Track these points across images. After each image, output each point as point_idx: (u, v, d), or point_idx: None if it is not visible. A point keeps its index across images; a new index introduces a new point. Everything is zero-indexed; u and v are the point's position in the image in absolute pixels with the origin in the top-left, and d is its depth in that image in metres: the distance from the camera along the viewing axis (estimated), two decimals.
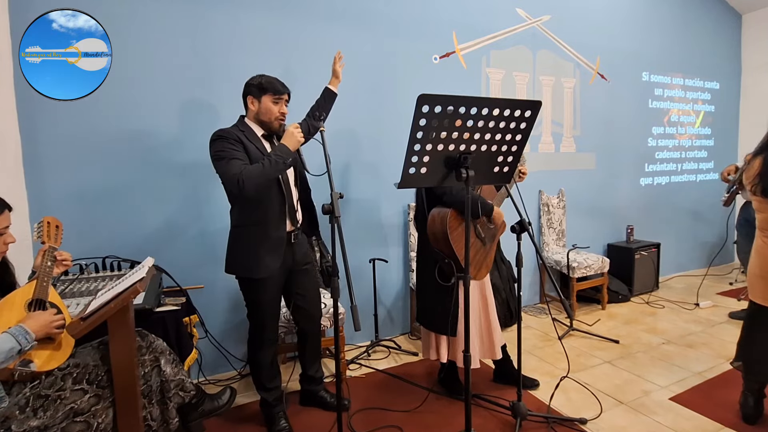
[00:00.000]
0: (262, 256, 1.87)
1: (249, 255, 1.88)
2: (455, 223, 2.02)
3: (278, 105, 1.91)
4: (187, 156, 2.50)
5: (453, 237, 1.99)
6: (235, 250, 1.93)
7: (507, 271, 3.22)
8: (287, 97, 1.95)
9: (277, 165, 1.75)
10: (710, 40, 4.71)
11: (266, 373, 2.03)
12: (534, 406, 2.18)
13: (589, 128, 3.96)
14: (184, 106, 2.49)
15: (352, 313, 1.43)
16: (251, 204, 1.86)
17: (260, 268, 1.88)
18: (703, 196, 4.71)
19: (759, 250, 1.98)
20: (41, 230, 1.61)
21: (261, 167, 1.74)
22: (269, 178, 1.77)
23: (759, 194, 1.89)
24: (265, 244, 1.87)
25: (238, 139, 1.83)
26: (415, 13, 3.11)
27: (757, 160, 1.93)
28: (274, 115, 1.91)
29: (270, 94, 1.89)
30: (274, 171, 1.75)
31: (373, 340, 3.04)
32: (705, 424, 2.05)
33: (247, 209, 1.88)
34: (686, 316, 3.45)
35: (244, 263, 1.90)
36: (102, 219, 2.34)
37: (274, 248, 1.89)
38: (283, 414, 2.06)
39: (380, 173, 3.01)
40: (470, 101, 1.40)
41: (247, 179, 1.70)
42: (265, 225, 1.87)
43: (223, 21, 2.55)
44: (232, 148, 1.79)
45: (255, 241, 1.88)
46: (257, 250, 1.87)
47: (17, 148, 2.15)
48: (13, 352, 1.27)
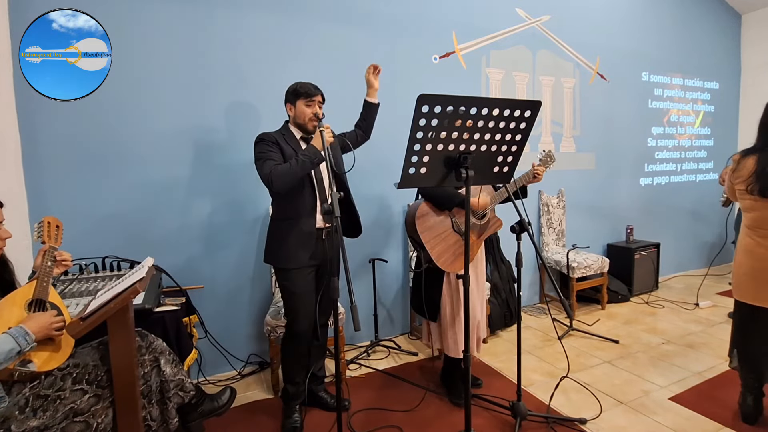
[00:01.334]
0: (293, 249, 2.00)
1: (283, 246, 2.01)
2: (423, 213, 2.11)
3: (311, 107, 2.03)
4: (187, 156, 2.51)
5: (420, 226, 2.08)
6: (272, 241, 2.07)
7: (507, 271, 3.23)
8: (320, 99, 2.07)
9: (304, 164, 1.86)
10: (710, 40, 4.71)
11: (297, 367, 2.11)
12: (534, 406, 2.18)
13: (588, 128, 3.97)
14: (184, 106, 2.49)
15: (352, 313, 1.43)
16: (286, 200, 1.99)
17: (291, 259, 2.00)
18: (703, 196, 4.71)
19: (750, 249, 1.95)
20: (41, 230, 1.61)
21: (288, 166, 1.87)
22: (296, 176, 1.88)
23: (756, 194, 1.88)
24: (296, 237, 2.00)
25: (275, 141, 1.98)
26: (415, 13, 3.12)
27: (750, 160, 1.90)
28: (307, 117, 2.03)
29: (302, 98, 2.03)
30: (300, 169, 1.87)
31: (372, 340, 3.04)
32: (704, 423, 2.05)
33: (283, 204, 2.02)
34: (686, 316, 3.46)
35: (279, 254, 2.03)
36: (102, 219, 2.34)
37: (304, 242, 2.01)
38: (298, 408, 2.14)
39: (380, 173, 3.01)
40: (470, 101, 1.40)
41: (275, 177, 1.86)
42: (297, 220, 2.00)
43: (224, 21, 2.55)
44: (268, 150, 1.94)
45: (288, 234, 2.00)
46: (289, 243, 2.00)
47: (17, 148, 2.15)
48: (13, 353, 1.27)
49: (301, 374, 2.12)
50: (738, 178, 1.95)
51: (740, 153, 1.98)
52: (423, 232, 2.07)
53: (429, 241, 2.07)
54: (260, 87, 2.64)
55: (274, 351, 2.40)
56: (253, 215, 2.70)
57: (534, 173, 2.24)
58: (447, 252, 2.10)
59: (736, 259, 2.03)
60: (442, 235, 2.11)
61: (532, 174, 2.24)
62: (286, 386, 2.13)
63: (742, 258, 1.99)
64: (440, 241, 2.09)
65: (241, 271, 2.70)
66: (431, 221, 2.11)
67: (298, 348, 2.09)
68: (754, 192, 1.88)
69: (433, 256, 2.07)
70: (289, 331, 2.09)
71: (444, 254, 2.09)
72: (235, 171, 2.61)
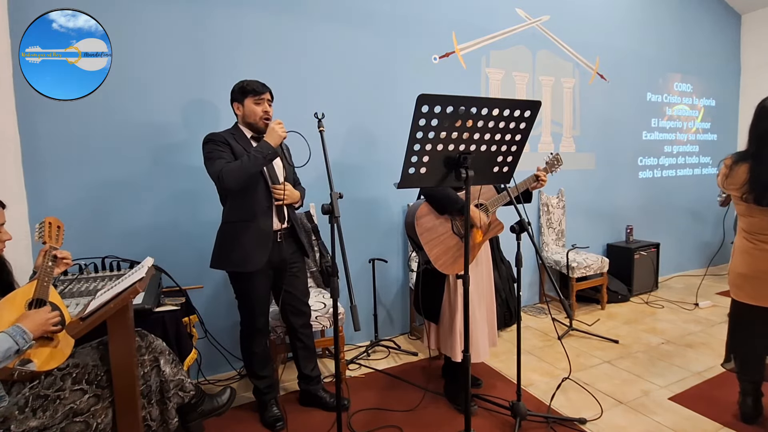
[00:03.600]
0: (250, 251, 1.94)
1: (238, 249, 1.95)
2: (423, 214, 2.09)
3: (260, 105, 1.98)
4: (186, 156, 2.50)
5: (419, 227, 2.05)
6: (224, 245, 2.00)
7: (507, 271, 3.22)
8: (269, 96, 2.01)
9: (257, 160, 1.82)
10: (709, 40, 4.71)
11: (257, 361, 2.11)
12: (534, 406, 2.18)
13: (588, 128, 3.97)
14: (184, 106, 2.49)
15: (352, 313, 1.43)
16: (239, 200, 1.94)
17: (248, 262, 1.94)
18: (702, 196, 4.71)
19: (746, 250, 1.95)
20: (42, 231, 1.61)
21: (240, 163, 1.82)
22: (249, 173, 1.83)
23: (752, 202, 1.87)
24: (253, 239, 1.95)
25: (225, 141, 1.92)
26: (415, 13, 3.12)
27: (743, 167, 1.89)
28: (258, 116, 1.98)
29: (250, 96, 1.97)
30: (253, 165, 1.82)
31: (372, 340, 3.05)
32: (704, 423, 2.05)
33: (236, 206, 1.96)
34: (686, 316, 3.46)
35: (233, 258, 1.97)
36: (102, 219, 2.34)
37: (261, 243, 1.96)
38: (275, 401, 2.15)
39: (380, 173, 3.01)
40: (470, 101, 1.40)
41: (226, 174, 1.80)
42: (253, 221, 1.95)
43: (224, 21, 2.55)
44: (218, 149, 1.89)
45: (244, 236, 1.95)
46: (245, 245, 1.94)
47: (17, 148, 2.15)
48: (11, 352, 1.27)
49: (264, 368, 2.13)
50: (732, 184, 1.94)
51: (732, 158, 1.96)
52: (422, 234, 2.06)
53: (428, 242, 2.06)
54: None
55: (275, 351, 2.40)
56: None
57: (536, 177, 2.17)
58: (446, 254, 2.09)
59: (732, 260, 2.03)
60: (441, 237, 2.10)
61: (534, 178, 2.18)
62: (254, 383, 2.14)
63: (739, 258, 1.99)
64: (439, 243, 2.09)
65: None
66: (431, 223, 2.10)
67: (257, 343, 2.10)
68: (749, 201, 1.88)
69: (432, 258, 2.06)
70: (247, 330, 2.09)
71: (443, 256, 2.08)
72: None
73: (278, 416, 2.10)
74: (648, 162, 4.40)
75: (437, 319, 2.21)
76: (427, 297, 2.23)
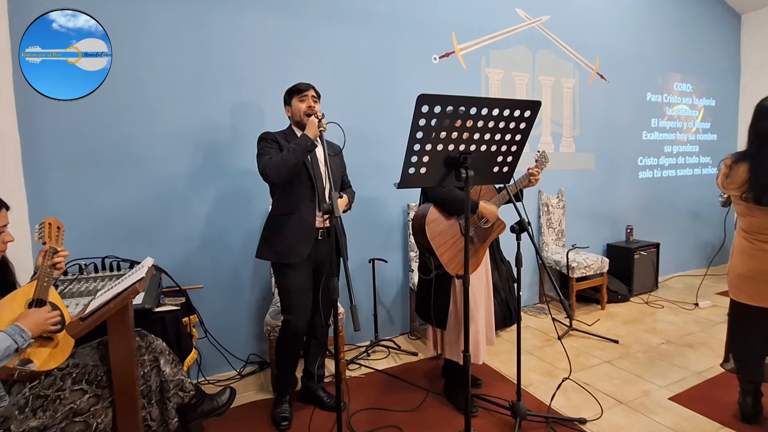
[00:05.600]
0: (293, 243, 2.01)
1: (281, 241, 2.02)
2: (433, 218, 2.07)
3: (304, 102, 2.07)
4: (186, 156, 2.51)
5: (430, 231, 2.04)
6: (269, 237, 2.07)
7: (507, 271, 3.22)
8: (313, 93, 2.09)
9: (295, 152, 1.89)
10: (710, 40, 4.71)
11: (288, 363, 2.15)
12: (533, 406, 2.18)
13: (588, 128, 3.97)
14: (184, 106, 2.49)
15: (352, 313, 1.43)
16: (285, 193, 2.03)
17: (291, 253, 2.01)
18: (702, 196, 4.71)
19: (746, 250, 1.95)
20: (42, 231, 1.61)
21: (281, 156, 1.90)
22: (288, 165, 1.90)
23: (751, 202, 1.87)
24: (295, 231, 2.02)
25: (275, 139, 2.03)
26: (415, 13, 3.12)
27: (742, 167, 1.89)
28: (302, 112, 2.06)
29: (296, 95, 2.08)
30: (293, 157, 1.89)
31: (372, 340, 3.04)
32: (704, 423, 2.05)
33: (283, 199, 2.05)
34: (686, 316, 3.46)
35: (277, 249, 2.03)
36: (102, 219, 2.34)
37: (304, 236, 2.02)
38: (288, 399, 2.21)
39: (380, 173, 3.01)
40: (470, 101, 1.40)
41: (269, 168, 1.89)
42: (296, 214, 2.02)
43: (224, 21, 2.55)
44: (267, 146, 2.00)
45: (287, 228, 2.02)
46: (288, 237, 2.02)
47: (17, 148, 2.15)
48: (10, 351, 1.27)
49: (293, 370, 2.18)
50: (731, 184, 1.95)
51: (732, 157, 1.96)
52: (433, 238, 2.04)
53: (439, 246, 2.04)
54: (260, 87, 2.64)
55: (274, 351, 2.39)
56: (253, 215, 2.69)
57: (530, 175, 2.20)
58: (457, 257, 2.08)
59: (732, 260, 2.03)
60: (451, 240, 2.09)
61: (528, 176, 2.20)
62: (279, 380, 2.20)
63: (738, 258, 1.99)
64: (450, 246, 2.07)
65: (240, 271, 2.70)
66: (441, 226, 2.08)
67: (294, 347, 2.11)
68: (749, 200, 1.88)
69: (443, 262, 2.04)
70: (285, 329, 2.09)
71: (454, 260, 2.06)
72: (234, 171, 2.61)
73: (287, 416, 2.12)
74: (648, 162, 4.41)
75: (445, 324, 2.19)
76: (438, 302, 2.19)
